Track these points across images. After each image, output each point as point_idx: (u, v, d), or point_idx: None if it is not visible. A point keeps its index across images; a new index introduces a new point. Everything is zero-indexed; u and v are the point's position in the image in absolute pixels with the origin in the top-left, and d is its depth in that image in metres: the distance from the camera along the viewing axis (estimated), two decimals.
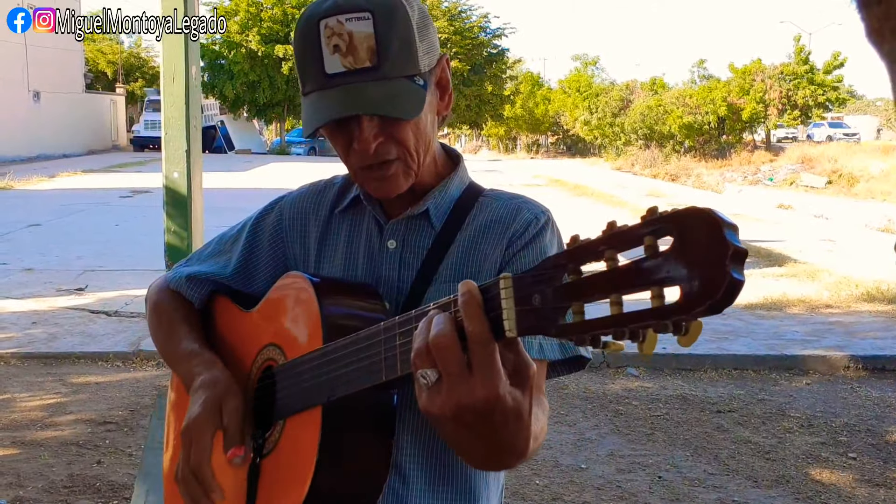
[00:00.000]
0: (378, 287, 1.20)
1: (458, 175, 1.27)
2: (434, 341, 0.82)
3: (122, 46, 47.47)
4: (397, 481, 1.18)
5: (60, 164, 25.36)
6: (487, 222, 1.21)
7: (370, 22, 1.07)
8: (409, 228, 1.23)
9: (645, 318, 0.64)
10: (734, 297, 0.59)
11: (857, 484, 3.90)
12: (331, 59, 1.08)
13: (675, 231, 0.62)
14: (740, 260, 0.60)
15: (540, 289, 0.73)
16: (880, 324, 6.71)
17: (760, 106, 29.68)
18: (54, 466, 3.85)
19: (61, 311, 6.71)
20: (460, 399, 0.82)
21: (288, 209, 1.35)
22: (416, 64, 1.11)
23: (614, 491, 3.77)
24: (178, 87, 6.64)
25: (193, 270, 1.37)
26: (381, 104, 1.08)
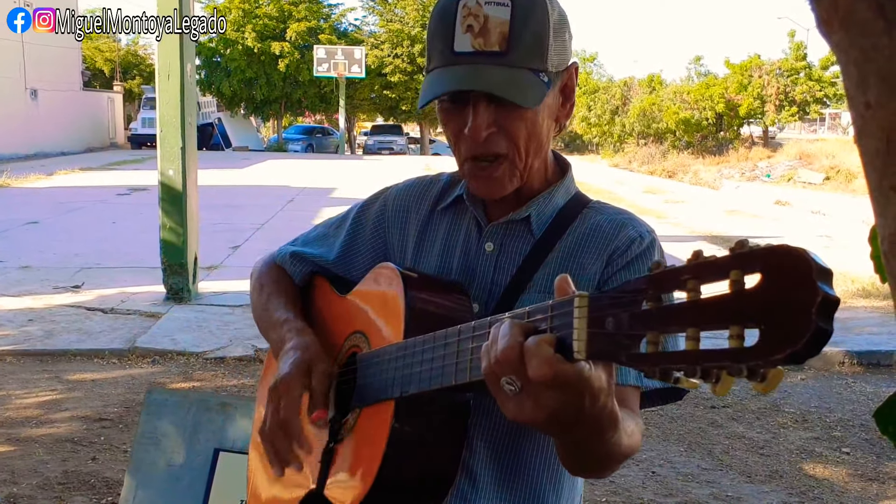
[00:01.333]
0: (470, 288, 1.20)
1: (564, 184, 1.26)
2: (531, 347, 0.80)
3: (119, 44, 47.42)
4: (466, 484, 1.17)
5: (58, 161, 25.33)
6: (589, 234, 1.20)
7: (508, 9, 1.08)
8: (509, 233, 1.22)
9: (719, 359, 0.60)
10: (819, 348, 0.56)
11: (851, 478, 3.91)
12: (462, 38, 1.09)
13: (763, 269, 0.58)
14: (830, 310, 0.56)
15: (615, 313, 0.70)
16: (876, 319, 6.72)
17: (758, 102, 29.68)
18: (49, 463, 3.86)
19: (58, 308, 6.71)
20: (549, 402, 0.81)
21: (392, 201, 1.36)
22: (545, 61, 1.11)
23: (608, 486, 3.78)
24: (174, 85, 6.68)
25: (298, 249, 1.40)
26: (501, 86, 1.08)
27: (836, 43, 0.43)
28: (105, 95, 38.25)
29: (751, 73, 30.25)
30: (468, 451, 1.15)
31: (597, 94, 34.62)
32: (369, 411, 1.12)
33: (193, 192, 6.96)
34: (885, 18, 0.40)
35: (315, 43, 36.68)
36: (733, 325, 0.59)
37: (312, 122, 48.72)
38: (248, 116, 41.90)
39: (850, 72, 0.43)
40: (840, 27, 0.42)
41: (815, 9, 0.43)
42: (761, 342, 0.57)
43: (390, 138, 38.85)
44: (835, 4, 0.41)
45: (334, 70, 35.34)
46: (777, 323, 0.56)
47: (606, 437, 0.86)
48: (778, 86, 29.58)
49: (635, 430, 1.04)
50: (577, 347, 0.74)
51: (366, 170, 23.83)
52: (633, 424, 1.04)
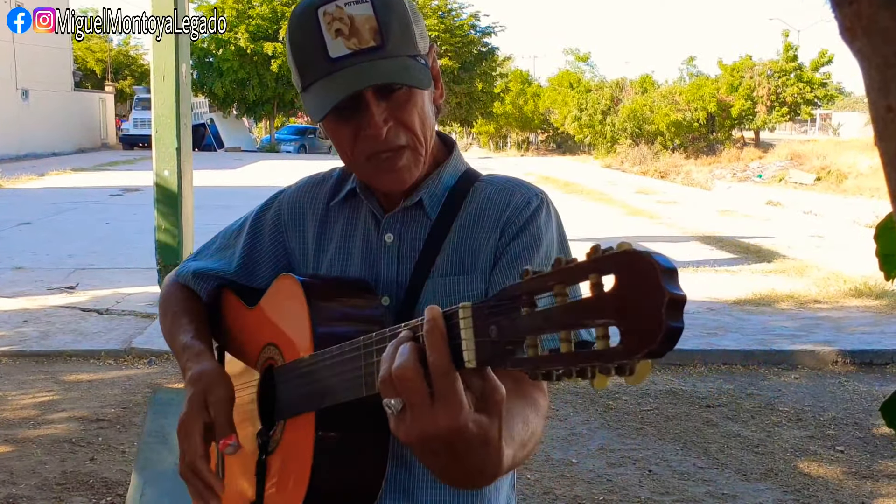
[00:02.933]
0: (377, 283, 1.20)
1: (451, 162, 1.26)
2: (396, 373, 0.82)
3: (110, 45, 47.26)
4: (402, 472, 1.19)
5: (50, 162, 25.25)
6: (481, 209, 1.20)
7: (369, 5, 1.08)
8: (406, 221, 1.22)
9: (590, 360, 0.65)
10: (672, 343, 0.60)
11: (845, 476, 3.94)
12: (334, 44, 1.08)
13: (616, 271, 0.62)
14: (678, 307, 0.59)
15: (497, 320, 0.73)
16: (868, 318, 6.76)
17: (749, 103, 29.79)
18: (47, 464, 3.86)
19: (53, 309, 6.70)
20: (424, 428, 0.81)
21: (287, 203, 1.35)
22: (416, 45, 1.12)
23: (605, 485, 3.80)
24: (169, 85, 6.67)
25: (200, 266, 1.39)
26: (395, 74, 1.08)
27: (859, 49, 0.45)
28: (96, 96, 38.13)
29: (742, 74, 30.36)
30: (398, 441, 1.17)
31: (589, 95, 34.68)
32: (293, 423, 1.13)
33: (189, 193, 6.95)
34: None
35: None
36: (598, 324, 0.63)
37: (305, 122, 48.67)
38: (240, 117, 41.80)
39: (872, 77, 0.45)
40: (863, 34, 0.44)
41: (839, 17, 0.45)
42: (622, 342, 0.62)
43: None
44: (858, 13, 0.43)
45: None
46: (633, 323, 0.61)
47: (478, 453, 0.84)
48: (769, 87, 29.69)
49: (536, 427, 1.03)
50: (468, 357, 0.76)
51: None
52: (533, 418, 1.03)
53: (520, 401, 1.05)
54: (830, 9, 0.46)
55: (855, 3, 0.43)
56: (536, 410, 1.07)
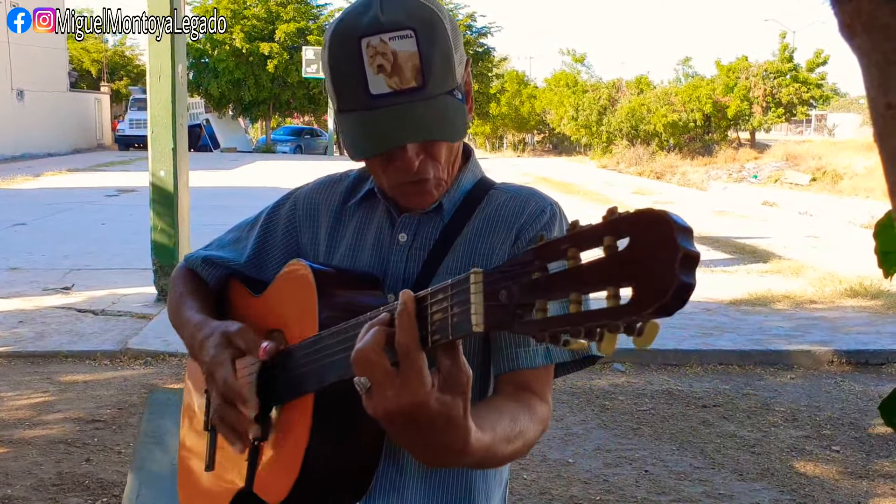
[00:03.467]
0: (385, 279, 1.22)
1: (470, 168, 1.28)
2: (359, 353, 0.87)
3: (106, 45, 47.17)
4: (393, 469, 1.20)
5: (45, 162, 25.20)
6: (495, 214, 1.23)
7: (413, 41, 1.07)
8: (422, 222, 1.24)
9: (598, 318, 0.65)
10: (684, 300, 0.60)
11: (841, 476, 3.95)
12: (375, 80, 1.07)
13: (631, 232, 0.63)
14: (691, 264, 0.60)
15: (507, 285, 0.74)
16: (864, 319, 6.78)
17: (745, 103, 29.85)
18: (43, 465, 3.85)
19: (48, 309, 6.69)
20: (387, 405, 0.86)
21: (302, 200, 1.38)
22: (455, 78, 1.12)
23: (601, 485, 3.80)
24: (165, 86, 6.67)
25: (210, 254, 1.41)
26: (432, 129, 1.09)
27: (859, 46, 0.45)
28: (92, 96, 38.07)
29: (737, 74, 30.42)
30: None
31: (585, 95, 34.71)
32: (291, 406, 1.14)
33: (185, 194, 6.95)
34: None
35: (304, 44, 36.61)
36: (609, 287, 0.64)
37: (301, 123, 48.64)
38: (236, 117, 41.76)
39: (871, 74, 0.45)
40: (863, 31, 0.44)
41: (838, 13, 0.45)
42: (634, 299, 0.62)
43: None
44: (858, 9, 0.43)
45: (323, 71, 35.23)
46: (646, 280, 0.61)
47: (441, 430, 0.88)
48: (765, 87, 29.76)
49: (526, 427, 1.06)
50: (475, 321, 0.77)
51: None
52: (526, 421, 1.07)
53: (513, 403, 1.09)
54: (830, 5, 0.46)
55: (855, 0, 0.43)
56: (531, 414, 1.09)
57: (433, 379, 0.85)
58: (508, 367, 1.16)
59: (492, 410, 1.04)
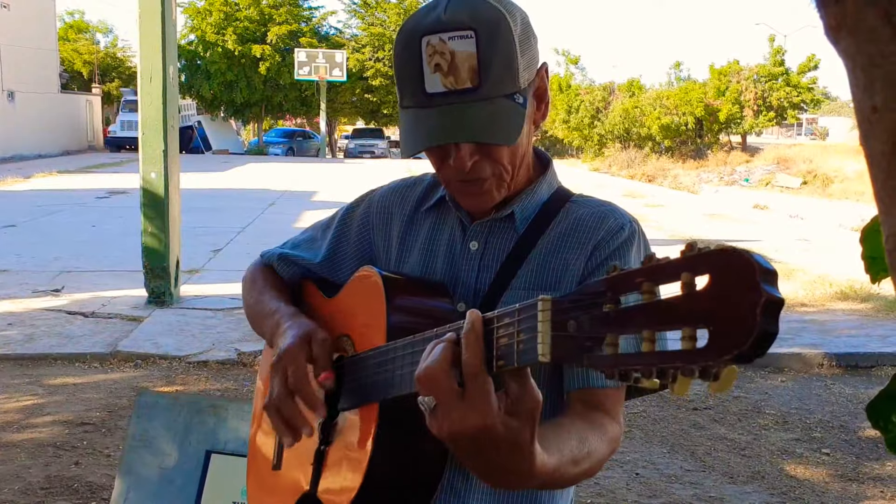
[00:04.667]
0: (455, 288, 1.21)
1: (546, 179, 1.26)
2: (426, 372, 0.85)
3: (97, 46, 47.05)
4: (459, 480, 1.19)
5: (36, 164, 25.10)
6: (571, 228, 1.20)
7: (473, 41, 1.06)
8: (493, 231, 1.23)
9: (672, 361, 0.62)
10: (765, 348, 0.57)
11: (831, 479, 3.96)
12: (431, 78, 1.08)
13: (711, 270, 0.59)
14: (774, 310, 0.57)
15: (577, 315, 0.71)
16: (854, 322, 6.80)
17: (736, 107, 29.95)
18: (31, 468, 3.83)
19: (38, 312, 6.65)
20: (452, 426, 0.84)
21: (377, 202, 1.37)
22: (517, 81, 1.10)
23: (592, 488, 3.80)
24: (156, 87, 6.65)
25: (286, 251, 1.42)
26: (482, 130, 1.08)
27: (844, 49, 0.44)
28: (83, 98, 37.93)
29: (729, 78, 30.53)
30: (452, 464, 1.16)
31: (578, 98, 34.77)
32: (356, 413, 1.14)
33: (175, 196, 6.92)
34: (892, 25, 0.41)
35: (296, 46, 36.59)
36: (686, 327, 0.61)
37: (293, 125, 48.57)
38: (228, 119, 41.68)
39: (857, 77, 0.44)
40: (848, 34, 0.43)
41: (824, 16, 0.45)
42: (710, 343, 0.59)
43: (371, 142, 38.81)
44: (843, 12, 0.43)
45: (315, 73, 35.26)
46: (724, 324, 0.58)
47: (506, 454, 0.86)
48: (756, 91, 29.87)
49: (595, 448, 1.04)
50: (542, 350, 0.75)
51: (347, 173, 23.77)
52: (595, 441, 1.05)
53: (582, 422, 1.07)
54: (816, 8, 0.46)
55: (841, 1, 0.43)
56: (601, 435, 1.07)
57: (500, 402, 0.83)
58: (579, 385, 1.14)
59: (560, 431, 1.02)
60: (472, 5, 1.08)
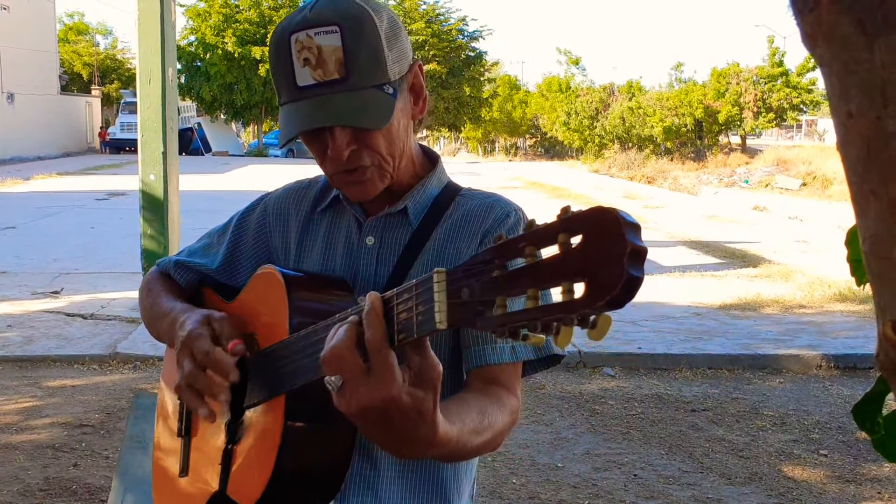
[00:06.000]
0: (355, 283, 1.25)
1: (436, 175, 1.32)
2: (331, 352, 0.89)
3: (97, 48, 47.06)
4: (368, 467, 1.23)
5: (35, 166, 25.12)
6: (462, 219, 1.26)
7: (338, 35, 1.12)
8: (388, 226, 1.28)
9: (553, 312, 0.67)
10: (633, 293, 0.63)
11: (829, 480, 3.96)
12: (301, 72, 1.13)
13: (583, 229, 0.65)
14: (639, 258, 0.62)
15: (469, 283, 0.76)
16: (852, 323, 6.81)
17: (736, 109, 29.96)
18: (30, 470, 3.83)
19: (37, 313, 6.66)
20: (360, 400, 0.89)
21: (272, 205, 1.40)
22: (385, 73, 1.16)
23: (590, 489, 3.81)
24: (155, 89, 6.66)
25: (182, 259, 1.44)
26: (350, 115, 1.13)
27: (820, 56, 0.45)
28: (83, 99, 37.97)
29: (728, 80, 30.53)
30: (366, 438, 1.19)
31: (578, 99, 34.79)
32: (262, 409, 1.15)
33: (175, 198, 6.92)
34: (865, 33, 0.42)
35: None
36: (564, 282, 0.66)
37: None
38: (228, 121, 41.69)
39: (832, 83, 0.45)
40: (823, 41, 0.44)
41: (801, 24, 0.46)
42: (586, 293, 0.64)
43: None
44: (818, 20, 0.44)
45: None
46: (597, 275, 0.63)
47: (413, 423, 0.91)
48: (755, 92, 29.88)
49: (495, 419, 1.10)
50: (439, 318, 0.79)
51: None
52: (495, 412, 1.11)
53: (483, 397, 1.14)
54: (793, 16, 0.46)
55: (815, 9, 0.44)
56: (500, 407, 1.14)
57: (404, 375, 0.88)
58: (476, 363, 1.20)
59: (461, 404, 1.08)
60: (337, 4, 1.14)
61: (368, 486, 1.23)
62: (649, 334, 6.30)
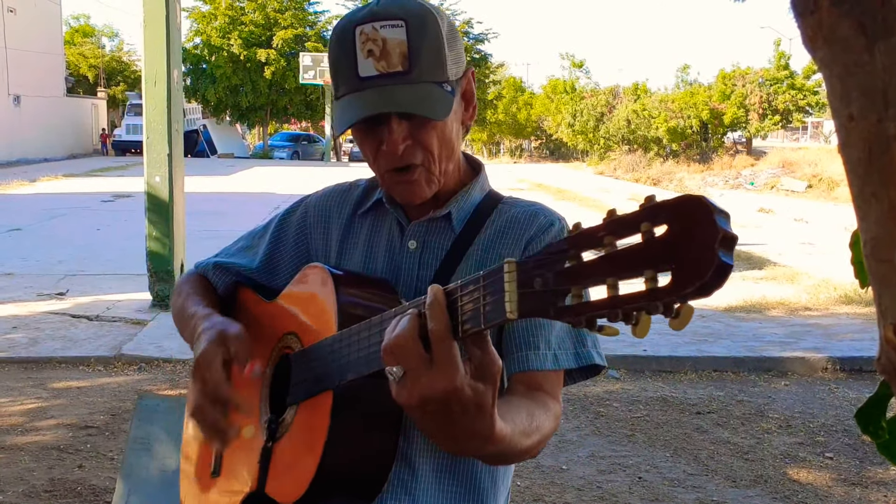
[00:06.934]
0: (397, 285, 1.25)
1: (479, 182, 1.32)
2: (394, 341, 0.89)
3: (103, 50, 47.20)
4: (406, 472, 1.22)
5: (41, 168, 25.19)
6: (505, 226, 1.27)
7: (403, 30, 1.13)
8: (430, 230, 1.28)
9: (637, 300, 0.65)
10: (723, 279, 0.61)
11: (834, 483, 3.95)
12: (364, 63, 1.14)
13: (669, 218, 0.63)
14: (730, 245, 0.61)
15: (541, 273, 0.75)
16: (858, 326, 6.79)
17: (741, 111, 29.92)
18: (35, 471, 3.84)
19: (42, 315, 6.67)
20: (422, 391, 0.88)
21: (313, 207, 1.41)
22: (445, 71, 1.17)
23: (595, 491, 3.80)
24: (160, 91, 6.68)
25: (221, 260, 1.45)
26: (413, 104, 1.14)
27: (821, 59, 0.45)
28: (89, 102, 38.08)
29: (734, 82, 30.50)
30: (406, 441, 1.20)
31: (583, 101, 34.77)
32: (307, 405, 1.15)
33: (180, 199, 6.94)
34: (866, 36, 0.42)
35: (301, 50, 36.67)
36: (647, 271, 0.64)
37: (298, 129, 48.66)
38: (233, 123, 41.77)
39: (833, 86, 0.45)
40: (824, 44, 0.44)
41: (802, 26, 0.46)
42: (673, 280, 0.62)
43: None
44: (819, 22, 0.44)
45: (320, 77, 35.36)
46: (685, 261, 0.61)
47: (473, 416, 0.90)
48: (761, 94, 29.84)
49: (542, 423, 1.10)
50: (509, 308, 0.78)
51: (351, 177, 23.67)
52: (541, 415, 1.11)
53: (529, 401, 1.13)
54: (794, 18, 0.46)
55: (816, 12, 0.44)
56: (545, 410, 1.13)
57: (465, 368, 0.87)
58: (519, 368, 1.19)
59: (510, 406, 1.07)
60: (402, 1, 1.16)
61: (406, 489, 1.22)
62: (654, 336, 6.28)
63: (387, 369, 0.90)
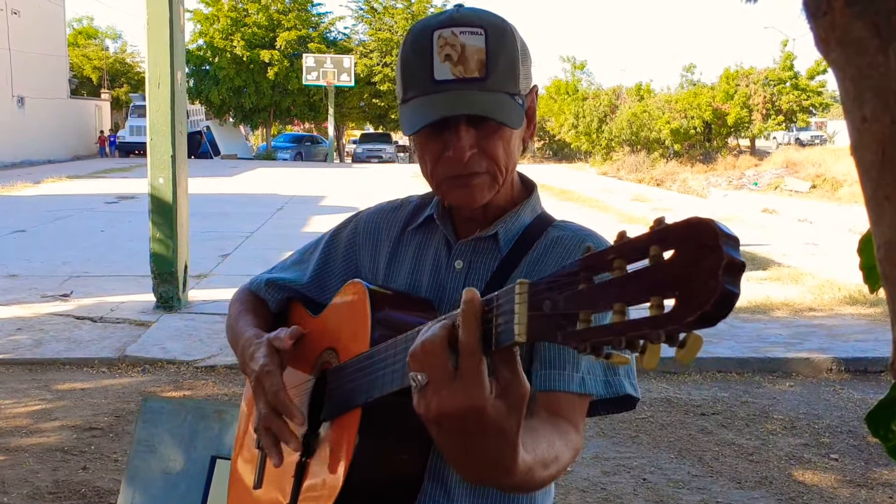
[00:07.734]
0: (441, 305, 1.23)
1: (531, 203, 1.30)
2: (422, 346, 0.86)
3: (107, 52, 47.27)
4: (440, 493, 1.20)
5: (45, 169, 25.23)
6: (552, 250, 1.24)
7: (482, 38, 1.13)
8: (477, 250, 1.26)
9: (640, 328, 0.63)
10: (727, 308, 0.59)
11: (839, 484, 3.94)
12: (441, 67, 1.13)
13: (677, 242, 0.62)
14: (735, 272, 0.59)
15: (552, 296, 0.73)
16: (863, 326, 6.77)
17: (745, 111, 29.88)
18: (39, 472, 3.84)
19: (46, 317, 6.68)
20: (441, 403, 0.83)
21: (363, 224, 1.41)
22: (517, 84, 1.17)
23: (599, 493, 3.79)
24: (164, 93, 6.69)
25: (274, 276, 1.45)
26: (489, 109, 1.13)
27: (834, 60, 0.45)
28: (92, 103, 38.12)
29: (737, 82, 30.46)
30: (440, 460, 1.17)
31: (586, 102, 34.74)
32: (338, 422, 1.15)
33: (184, 201, 6.95)
34: (880, 37, 0.42)
35: (304, 51, 36.69)
36: (653, 297, 0.62)
37: (301, 130, 48.66)
38: (236, 125, 41.79)
39: (846, 87, 0.45)
40: (837, 45, 0.44)
41: (814, 28, 0.45)
42: (676, 307, 0.60)
43: (379, 146, 38.85)
44: (832, 24, 0.43)
45: (323, 79, 35.37)
46: (690, 289, 0.59)
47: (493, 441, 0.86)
48: (765, 95, 29.79)
49: (561, 453, 1.05)
50: (518, 330, 0.76)
51: (354, 178, 23.81)
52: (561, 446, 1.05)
53: (550, 427, 1.08)
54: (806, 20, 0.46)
55: (829, 13, 0.43)
56: (565, 441, 1.08)
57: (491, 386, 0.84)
58: (542, 387, 1.14)
59: (530, 433, 1.01)
60: (482, 12, 1.17)
61: None
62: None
63: (410, 374, 0.87)
